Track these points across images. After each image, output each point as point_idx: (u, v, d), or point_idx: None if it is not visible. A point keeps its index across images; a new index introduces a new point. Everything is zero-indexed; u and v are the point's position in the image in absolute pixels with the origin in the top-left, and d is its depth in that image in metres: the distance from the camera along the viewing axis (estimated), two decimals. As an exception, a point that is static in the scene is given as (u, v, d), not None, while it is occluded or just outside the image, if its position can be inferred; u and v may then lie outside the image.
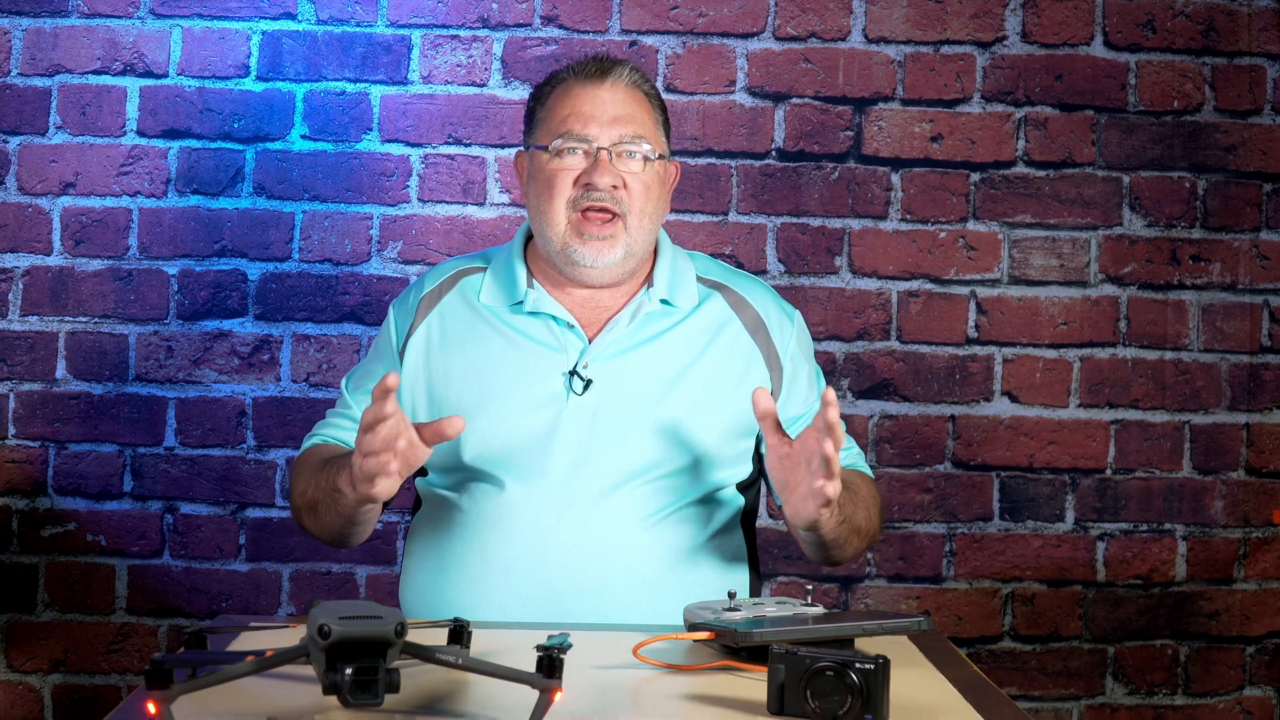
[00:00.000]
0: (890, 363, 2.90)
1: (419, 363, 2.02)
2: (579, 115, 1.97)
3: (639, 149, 1.97)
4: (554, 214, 1.97)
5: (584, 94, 1.99)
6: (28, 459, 2.86)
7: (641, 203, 1.97)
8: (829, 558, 1.96)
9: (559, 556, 1.90)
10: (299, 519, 2.01)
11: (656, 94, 2.05)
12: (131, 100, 2.86)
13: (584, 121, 1.97)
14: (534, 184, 2.01)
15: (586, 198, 1.95)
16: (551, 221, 1.97)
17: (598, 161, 1.96)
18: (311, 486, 1.94)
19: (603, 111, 1.97)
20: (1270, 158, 2.92)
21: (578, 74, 2.01)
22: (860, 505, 1.94)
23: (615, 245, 1.96)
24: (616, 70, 2.00)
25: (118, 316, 2.86)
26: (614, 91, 1.99)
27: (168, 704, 1.28)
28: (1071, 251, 2.92)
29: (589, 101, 1.98)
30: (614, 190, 1.96)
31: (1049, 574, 2.92)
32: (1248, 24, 2.91)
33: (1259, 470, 2.94)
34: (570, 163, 1.97)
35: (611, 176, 1.95)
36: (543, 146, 1.99)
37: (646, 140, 1.98)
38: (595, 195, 1.95)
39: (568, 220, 1.96)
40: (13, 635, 2.87)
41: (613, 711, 1.44)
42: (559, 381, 1.96)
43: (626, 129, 1.97)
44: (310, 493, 1.94)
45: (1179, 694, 2.94)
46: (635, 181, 1.97)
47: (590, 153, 1.96)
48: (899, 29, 2.89)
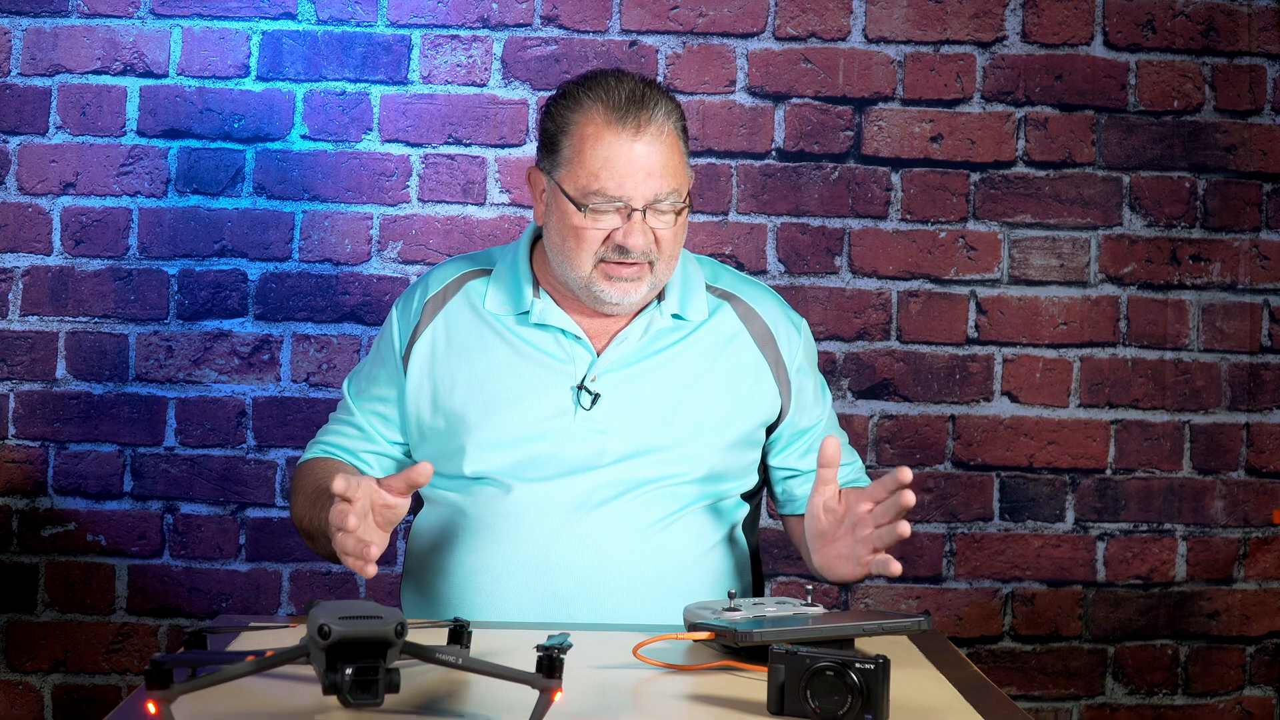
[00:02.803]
0: (890, 363, 2.90)
1: (424, 368, 2.00)
2: (613, 173, 1.85)
3: (673, 205, 1.89)
4: (579, 262, 1.90)
5: (617, 146, 1.85)
6: (28, 459, 2.86)
7: (670, 249, 1.91)
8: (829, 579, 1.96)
9: (561, 561, 1.90)
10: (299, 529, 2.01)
11: (683, 119, 1.93)
12: (131, 100, 2.86)
13: (619, 181, 1.85)
14: (558, 224, 1.91)
15: (615, 254, 1.88)
16: (576, 266, 1.90)
17: (631, 221, 1.86)
18: (307, 516, 1.92)
19: (638, 169, 1.85)
20: (1270, 158, 2.92)
21: (609, 115, 1.86)
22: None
23: (641, 285, 1.91)
24: (651, 115, 1.86)
25: (118, 316, 2.86)
26: (651, 145, 1.86)
27: (168, 704, 1.28)
28: (1071, 251, 2.92)
29: (624, 159, 1.85)
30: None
31: (1049, 574, 2.92)
32: (1248, 24, 2.91)
33: (1259, 470, 2.94)
34: (603, 221, 1.87)
35: (645, 237, 1.87)
36: (571, 197, 1.87)
37: (679, 193, 1.89)
38: (627, 254, 1.88)
39: (593, 266, 1.90)
40: (13, 635, 2.87)
41: (613, 711, 1.44)
42: (566, 395, 1.95)
43: (663, 186, 1.86)
44: (306, 522, 1.93)
45: (1179, 694, 2.94)
46: (666, 233, 1.89)
47: (624, 211, 1.87)
48: (899, 29, 2.89)
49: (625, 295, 1.91)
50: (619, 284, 1.90)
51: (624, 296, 1.92)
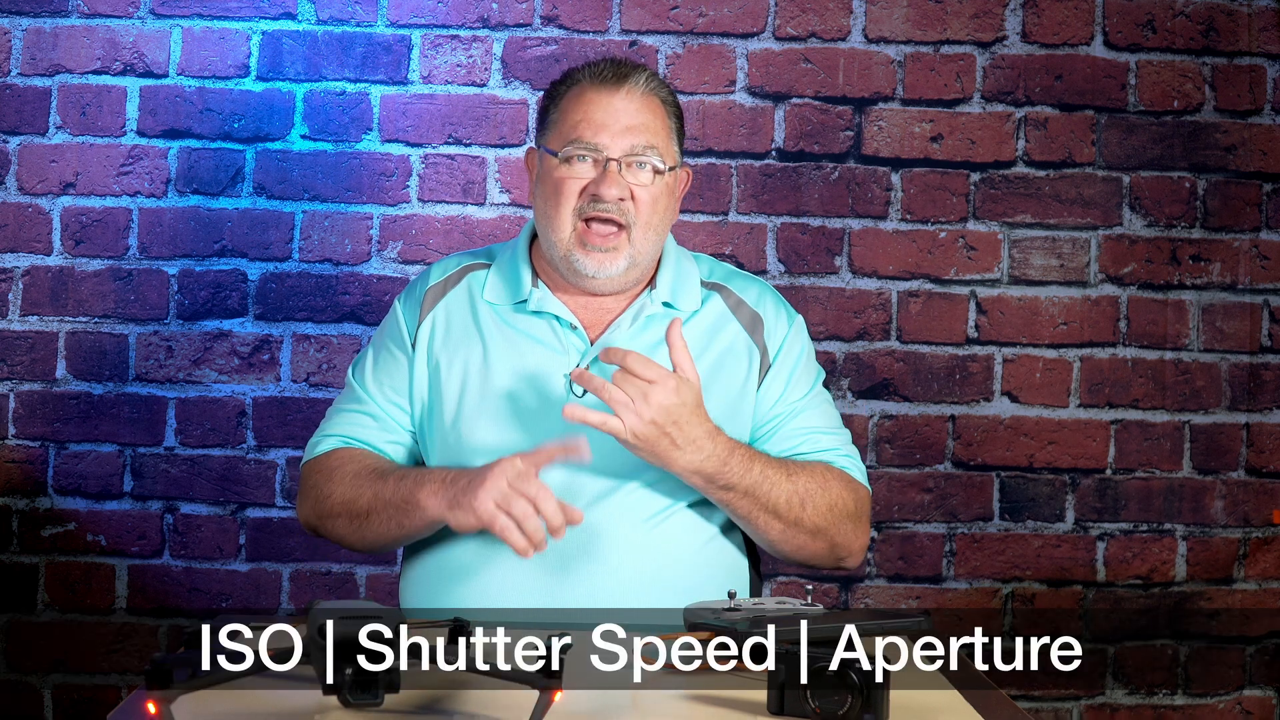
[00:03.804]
0: (890, 363, 2.90)
1: (424, 356, 2.01)
2: (590, 123, 1.93)
3: (649, 160, 1.94)
4: (559, 221, 1.94)
5: (597, 100, 1.94)
6: (28, 459, 2.86)
7: (648, 215, 1.94)
8: (756, 539, 1.99)
9: (559, 557, 1.90)
10: (321, 523, 1.99)
11: (674, 100, 2.01)
12: (131, 100, 2.85)
13: (595, 129, 1.93)
14: (541, 186, 1.99)
15: (592, 208, 1.92)
16: (556, 228, 1.95)
17: (606, 172, 1.92)
18: (367, 496, 1.92)
19: (615, 120, 1.93)
20: (1270, 158, 2.92)
21: (593, 77, 1.96)
22: (784, 484, 1.91)
23: (618, 257, 1.94)
24: (633, 76, 1.96)
25: (118, 316, 2.86)
26: (629, 100, 1.95)
27: (168, 704, 1.28)
28: (1071, 251, 2.91)
29: (602, 109, 1.94)
30: (620, 202, 1.93)
31: (1049, 574, 2.92)
32: (1248, 24, 2.91)
33: (1259, 470, 2.94)
34: (579, 171, 1.94)
35: (619, 189, 1.92)
36: (553, 151, 1.96)
37: (658, 151, 1.95)
38: (601, 206, 1.92)
39: (572, 228, 1.94)
40: (13, 635, 2.87)
41: (613, 711, 1.44)
42: (560, 383, 1.96)
43: (638, 139, 1.93)
44: (363, 503, 1.92)
45: (1179, 694, 2.94)
46: (644, 194, 1.94)
47: (600, 162, 1.93)
48: (899, 29, 2.89)
49: (602, 266, 1.94)
50: (595, 254, 1.93)
51: (600, 268, 1.94)
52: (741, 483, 1.88)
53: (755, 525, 1.93)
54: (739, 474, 1.87)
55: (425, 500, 1.83)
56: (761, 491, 1.89)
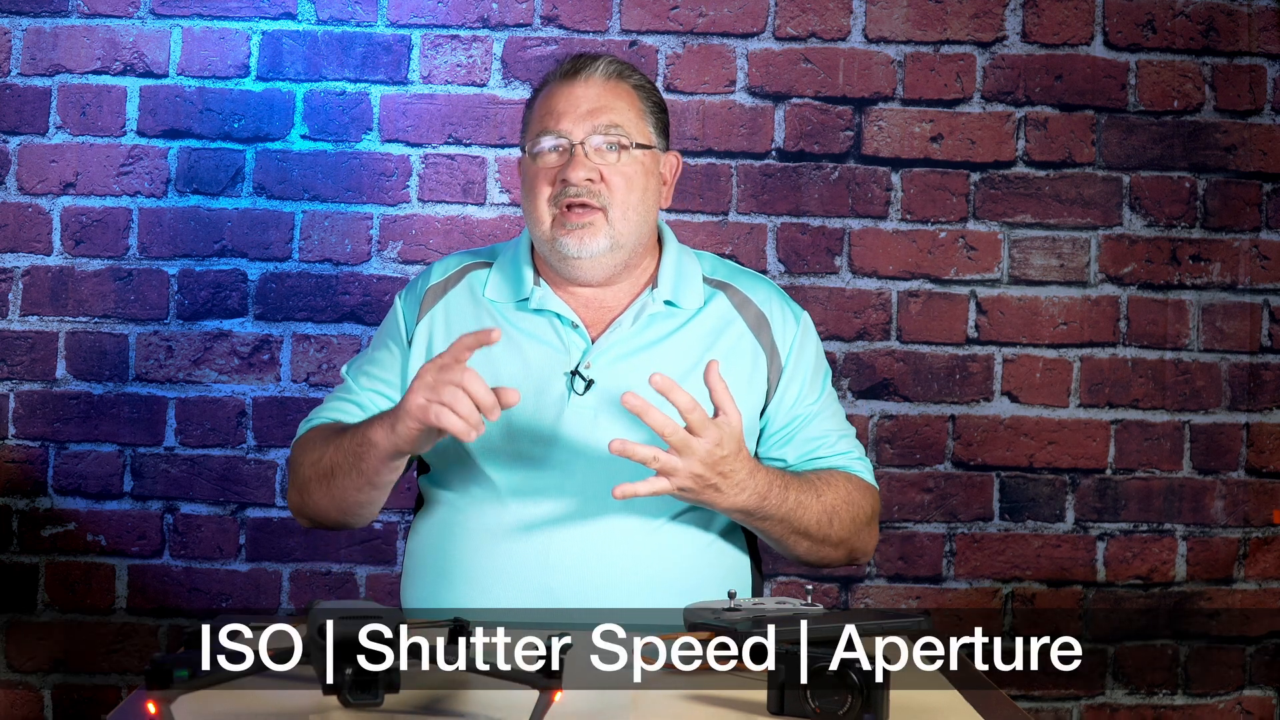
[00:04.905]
0: (890, 363, 2.90)
1: (423, 354, 2.01)
2: (554, 113, 1.97)
3: (615, 137, 1.95)
4: (538, 213, 1.97)
5: (559, 91, 1.98)
6: (28, 459, 2.86)
7: (623, 195, 1.95)
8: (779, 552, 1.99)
9: (559, 557, 1.90)
10: (302, 499, 1.97)
11: (645, 84, 2.03)
12: (131, 100, 2.86)
13: (557, 118, 1.96)
14: (523, 187, 2.01)
15: (565, 194, 1.94)
16: (537, 220, 1.97)
17: (573, 157, 1.94)
18: (329, 452, 1.91)
19: (575, 106, 1.96)
20: (1270, 158, 2.92)
21: (557, 74, 2.01)
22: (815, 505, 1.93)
23: (597, 233, 1.94)
24: (593, 64, 1.99)
25: (118, 316, 2.86)
26: (588, 86, 1.97)
27: (168, 704, 1.28)
28: (1071, 251, 2.92)
29: (563, 98, 1.97)
30: (590, 184, 1.94)
31: (1049, 574, 2.92)
32: (1248, 24, 2.91)
33: (1259, 470, 2.94)
34: (548, 161, 1.96)
35: (586, 170, 1.94)
36: (527, 151, 2.00)
37: (623, 129, 1.96)
38: (572, 191, 1.93)
39: (551, 217, 1.96)
40: (13, 635, 2.87)
41: (613, 711, 1.44)
42: (560, 381, 1.96)
43: (600, 120, 1.95)
44: (326, 459, 1.91)
45: (1179, 694, 2.94)
46: (614, 173, 1.95)
47: (565, 149, 1.95)
48: (899, 29, 2.89)
49: (582, 245, 1.94)
50: (574, 233, 1.94)
51: (580, 247, 1.94)
52: (778, 512, 1.90)
53: (785, 544, 1.96)
54: (776, 504, 1.89)
55: (374, 435, 1.82)
56: (795, 517, 1.92)
